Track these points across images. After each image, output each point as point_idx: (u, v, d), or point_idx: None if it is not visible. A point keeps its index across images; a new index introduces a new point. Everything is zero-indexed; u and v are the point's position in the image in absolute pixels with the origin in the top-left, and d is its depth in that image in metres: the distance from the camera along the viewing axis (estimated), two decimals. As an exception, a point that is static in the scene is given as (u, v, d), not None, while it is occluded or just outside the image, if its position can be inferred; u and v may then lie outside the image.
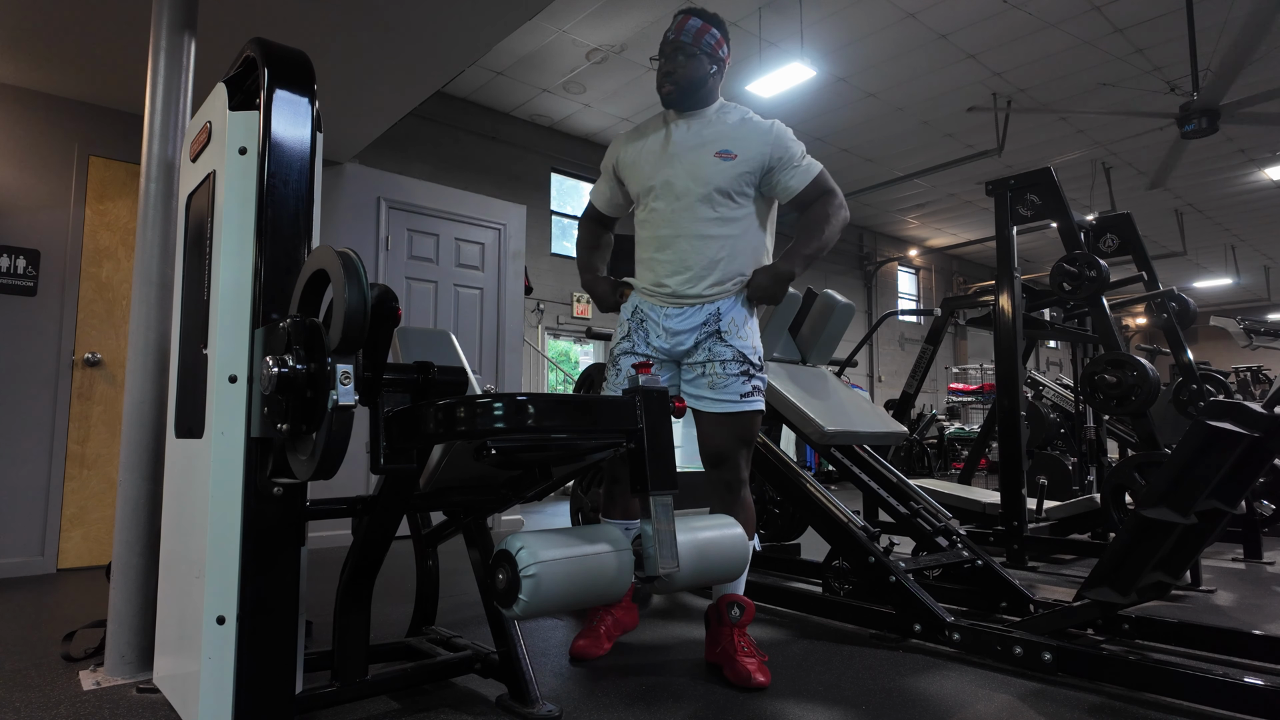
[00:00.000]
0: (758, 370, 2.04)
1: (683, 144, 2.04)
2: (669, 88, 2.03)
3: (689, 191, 2.01)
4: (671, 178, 2.02)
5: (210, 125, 1.71)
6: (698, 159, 2.01)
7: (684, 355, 2.04)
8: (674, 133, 2.06)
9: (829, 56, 7.04)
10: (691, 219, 2.00)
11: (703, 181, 1.99)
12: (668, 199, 2.03)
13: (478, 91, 7.86)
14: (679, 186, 2.01)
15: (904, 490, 2.87)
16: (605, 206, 2.26)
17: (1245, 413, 1.69)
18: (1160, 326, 4.43)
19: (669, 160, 2.04)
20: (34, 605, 2.70)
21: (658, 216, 2.05)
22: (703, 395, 2.01)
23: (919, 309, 6.80)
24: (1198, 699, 1.66)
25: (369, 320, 1.22)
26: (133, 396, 2.00)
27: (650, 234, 2.07)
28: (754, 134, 2.02)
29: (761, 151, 2.01)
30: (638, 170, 2.10)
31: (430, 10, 2.85)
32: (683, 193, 2.01)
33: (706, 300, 2.01)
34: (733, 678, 1.86)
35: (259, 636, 1.46)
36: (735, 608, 1.93)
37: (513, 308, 4.92)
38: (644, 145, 2.10)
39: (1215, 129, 5.90)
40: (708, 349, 2.01)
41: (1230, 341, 8.94)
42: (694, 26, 2.02)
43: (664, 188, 2.03)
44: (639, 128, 2.17)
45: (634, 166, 2.11)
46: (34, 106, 3.42)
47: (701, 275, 2.01)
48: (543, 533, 1.40)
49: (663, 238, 2.04)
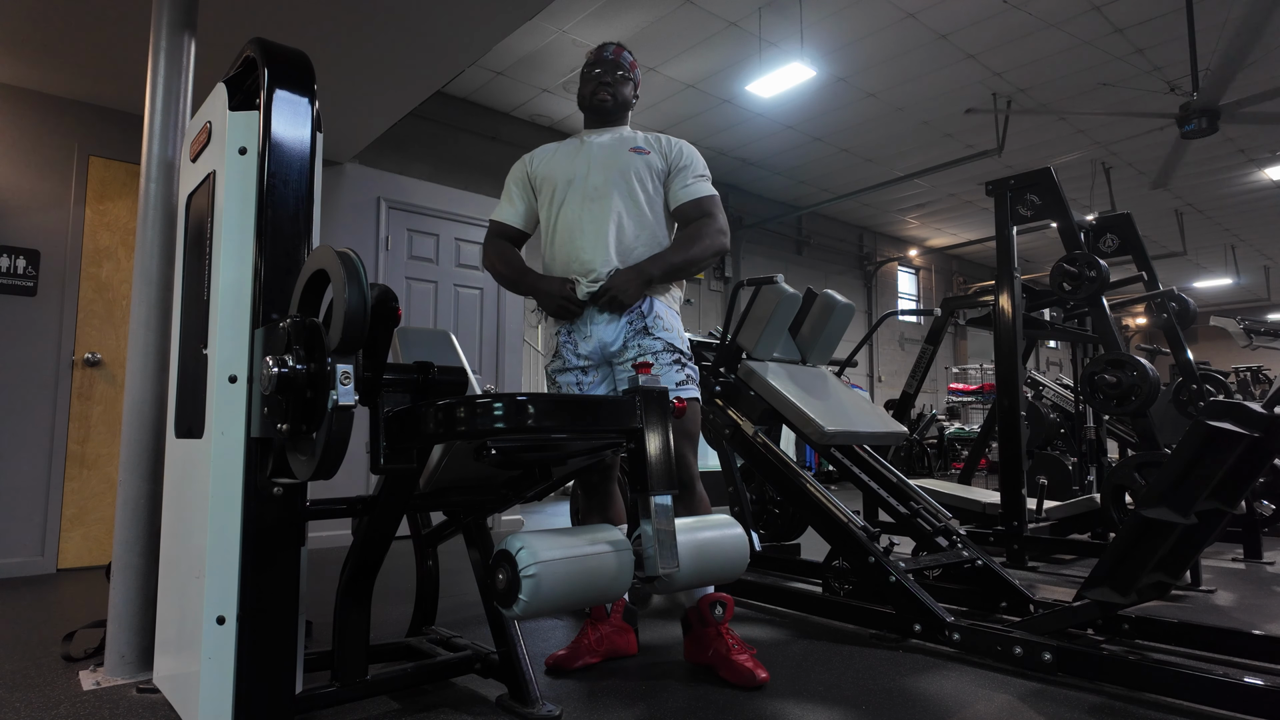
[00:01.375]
0: (689, 359, 2.07)
1: (601, 146, 2.12)
2: (606, 97, 2.15)
3: (607, 182, 2.06)
4: (589, 172, 2.07)
5: (210, 125, 1.71)
6: (615, 154, 2.10)
7: (614, 355, 2.04)
8: (591, 139, 2.15)
9: (829, 56, 7.03)
10: (611, 210, 2.04)
11: (619, 172, 2.06)
12: (584, 194, 2.06)
13: (478, 91, 7.86)
14: (595, 179, 2.06)
15: (904, 490, 2.87)
16: (518, 220, 2.19)
17: (1245, 413, 1.69)
18: (1160, 326, 4.43)
19: (586, 159, 2.10)
20: (34, 605, 2.70)
21: (572, 213, 2.06)
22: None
23: (919, 309, 6.80)
24: (1198, 699, 1.66)
25: (369, 320, 1.22)
26: (133, 396, 2.00)
27: (565, 234, 2.07)
28: (664, 140, 2.16)
29: (667, 152, 2.13)
30: (552, 170, 2.12)
31: (430, 10, 2.85)
32: (600, 184, 2.06)
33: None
34: (732, 678, 1.85)
35: (259, 636, 1.46)
36: (718, 606, 1.93)
37: (513, 308, 4.92)
38: (557, 152, 2.17)
39: (1215, 129, 5.90)
40: (636, 344, 2.01)
41: (1230, 341, 8.94)
42: (627, 57, 2.23)
43: (581, 182, 2.07)
44: (549, 146, 2.22)
45: (547, 168, 2.14)
46: (34, 106, 3.42)
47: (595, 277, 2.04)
48: (543, 533, 1.40)
49: (582, 231, 2.04)
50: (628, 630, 2.10)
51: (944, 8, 6.25)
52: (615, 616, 2.07)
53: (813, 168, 9.87)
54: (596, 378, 2.06)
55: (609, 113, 2.17)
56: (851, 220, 12.32)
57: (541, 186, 2.15)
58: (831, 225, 12.14)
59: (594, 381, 2.06)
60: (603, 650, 2.02)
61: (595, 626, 2.04)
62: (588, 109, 2.20)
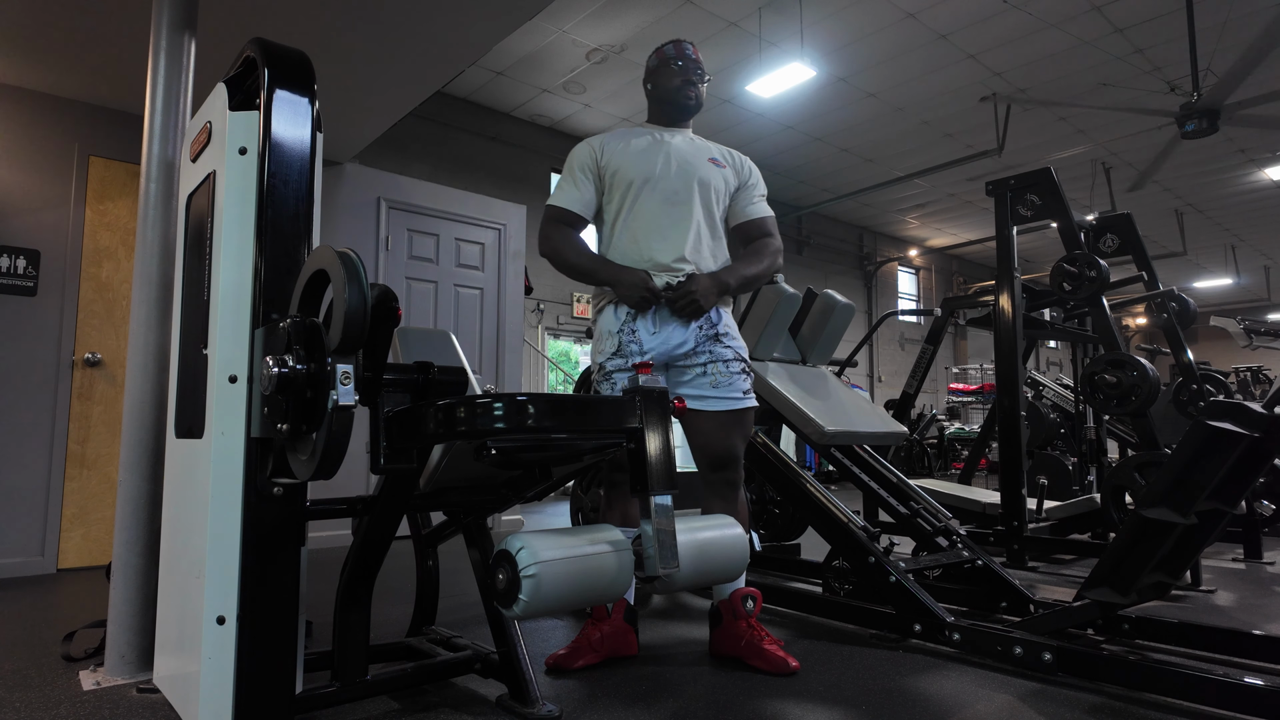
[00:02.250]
0: (750, 370, 2.13)
1: (679, 149, 2.12)
2: (692, 95, 2.14)
3: (688, 189, 2.08)
4: (669, 174, 2.08)
5: (210, 125, 1.71)
6: (694, 161, 2.12)
7: (680, 358, 2.05)
8: (665, 138, 2.14)
9: (829, 56, 7.03)
10: (691, 217, 2.07)
11: (700, 181, 2.09)
12: (664, 196, 2.06)
13: (478, 91, 7.86)
14: (676, 184, 2.08)
15: (904, 490, 2.87)
16: (582, 207, 2.12)
17: (1245, 413, 1.69)
18: (1160, 326, 4.43)
19: (664, 159, 2.09)
20: (34, 605, 2.70)
21: (649, 212, 2.06)
22: (706, 395, 2.03)
23: (919, 309, 6.80)
24: (1198, 699, 1.66)
25: (369, 320, 1.22)
26: (133, 396, 2.00)
27: (641, 231, 2.06)
28: (735, 156, 2.22)
29: (739, 169, 2.20)
30: (625, 164, 2.09)
31: (430, 10, 2.85)
32: (681, 190, 2.08)
33: None
34: (766, 666, 1.93)
35: (259, 636, 1.46)
36: (749, 600, 2.00)
37: (513, 308, 4.92)
38: (629, 145, 2.12)
39: (1215, 129, 5.90)
40: (708, 350, 2.05)
41: (1230, 341, 8.94)
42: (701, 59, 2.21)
43: (660, 183, 2.06)
44: (617, 133, 2.17)
45: (621, 160, 2.09)
46: (34, 106, 3.42)
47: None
48: (543, 533, 1.40)
49: (661, 233, 2.05)
50: (629, 630, 2.09)
51: (944, 8, 6.25)
52: (616, 617, 2.06)
53: (813, 168, 9.88)
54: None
55: (689, 112, 2.18)
56: (851, 220, 12.32)
57: (614, 179, 2.09)
58: (831, 225, 12.14)
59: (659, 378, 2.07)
60: (604, 650, 2.01)
61: (596, 626, 2.03)
62: (669, 103, 2.16)
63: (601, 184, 2.12)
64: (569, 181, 2.13)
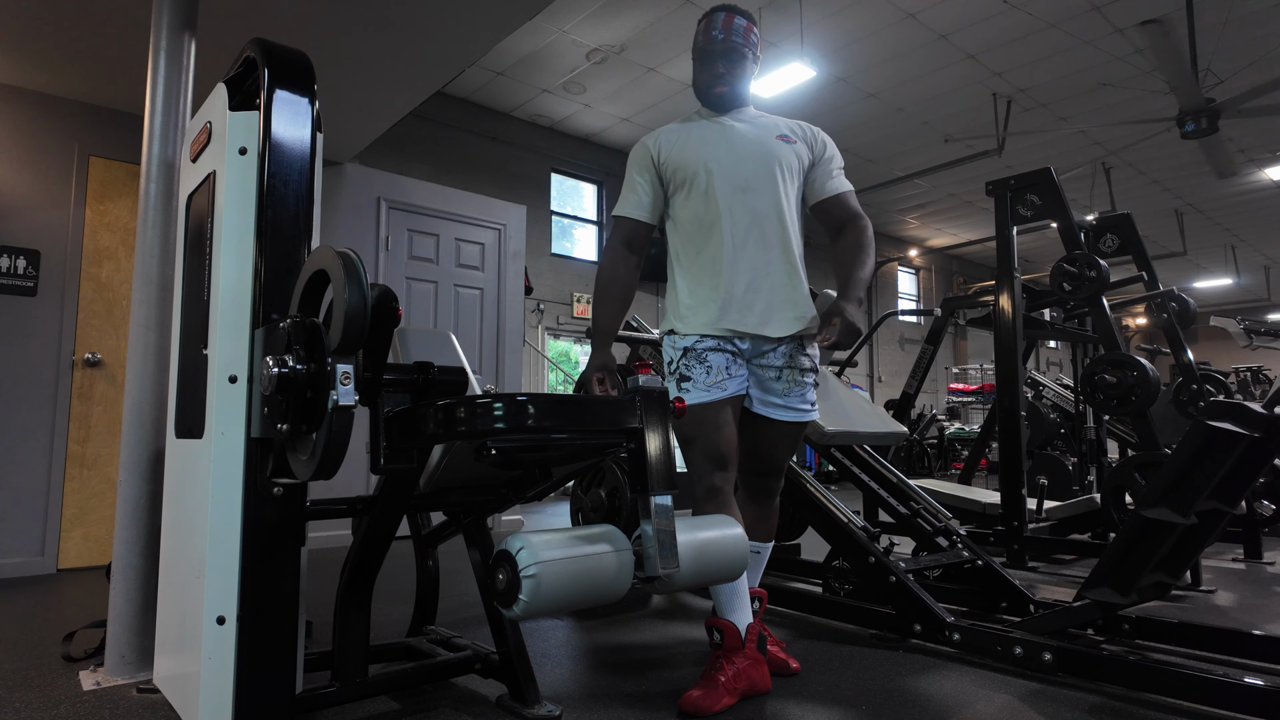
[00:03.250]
0: (818, 380, 1.99)
1: (742, 132, 1.90)
2: (722, 89, 1.89)
3: (760, 175, 1.85)
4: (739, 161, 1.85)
5: (210, 125, 1.71)
6: (763, 140, 1.88)
7: (762, 356, 1.88)
8: (727, 122, 1.91)
9: (829, 56, 7.03)
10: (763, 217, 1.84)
11: (779, 161, 1.87)
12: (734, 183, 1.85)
13: (478, 91, 7.86)
14: (749, 170, 1.85)
15: (904, 490, 2.87)
16: (646, 213, 1.93)
17: (1245, 413, 1.69)
18: (1160, 326, 4.43)
19: (728, 144, 1.87)
20: (34, 605, 2.70)
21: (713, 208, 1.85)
22: (774, 402, 1.88)
23: (919, 309, 6.81)
24: (1198, 699, 1.66)
25: (369, 320, 1.22)
26: (133, 396, 2.00)
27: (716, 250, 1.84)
28: (802, 126, 1.96)
29: (813, 141, 1.94)
30: (685, 152, 1.88)
31: (430, 10, 2.85)
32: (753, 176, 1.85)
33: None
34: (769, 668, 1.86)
35: (259, 636, 1.46)
36: (755, 600, 1.88)
37: (513, 308, 4.92)
38: (688, 133, 1.92)
39: (1215, 129, 5.90)
40: (788, 354, 1.88)
41: (1230, 341, 8.94)
42: (741, 25, 1.89)
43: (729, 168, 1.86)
44: (668, 128, 1.97)
45: (681, 150, 1.89)
46: (34, 106, 3.42)
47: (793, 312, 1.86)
48: (543, 533, 1.40)
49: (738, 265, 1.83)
50: (762, 663, 1.82)
51: (944, 8, 6.25)
52: (750, 647, 1.79)
53: (813, 168, 9.85)
54: (736, 374, 1.85)
55: (730, 102, 1.93)
56: (851, 220, 12.31)
57: (674, 167, 1.90)
58: (831, 225, 12.12)
59: (740, 371, 1.86)
60: (740, 685, 1.75)
61: (732, 658, 1.76)
62: (701, 97, 1.96)
63: (662, 183, 1.94)
64: (628, 186, 1.96)
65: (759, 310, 1.84)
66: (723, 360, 1.83)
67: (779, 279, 1.86)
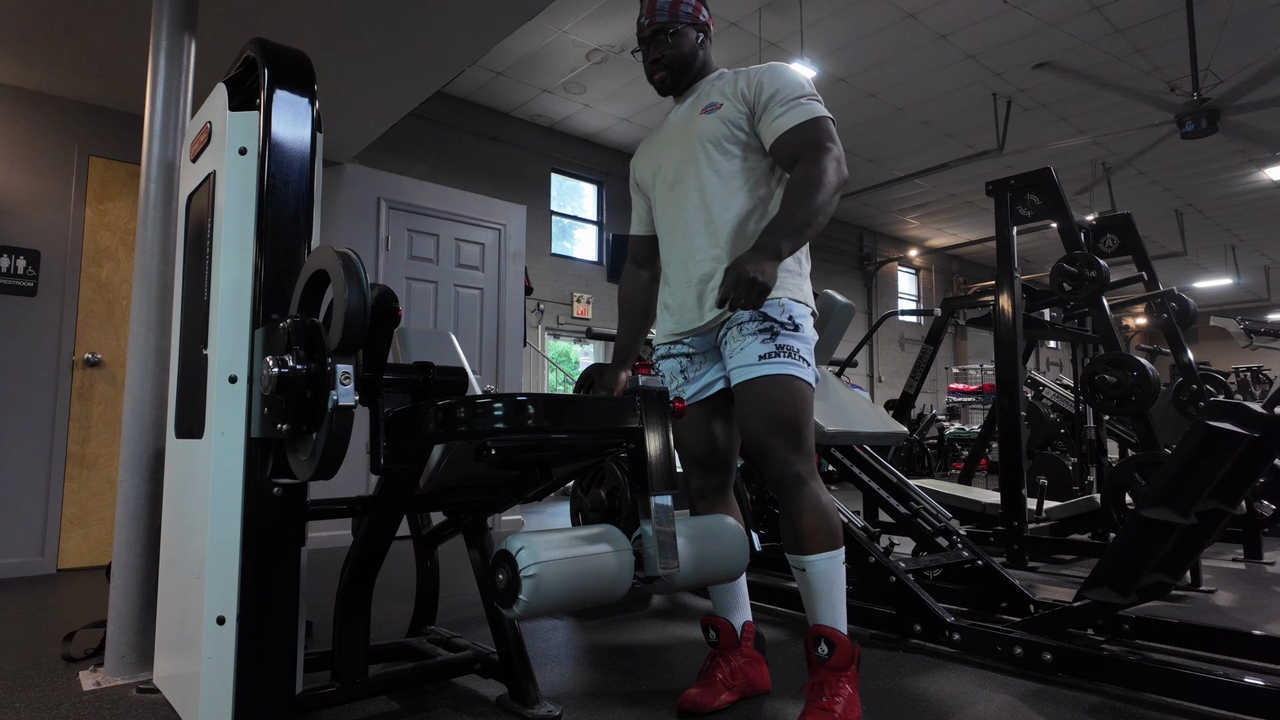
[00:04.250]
0: (787, 327, 1.63)
1: (672, 122, 1.83)
2: (661, 74, 1.79)
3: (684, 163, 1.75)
4: (671, 157, 1.79)
5: (210, 125, 1.71)
6: (690, 121, 1.76)
7: (720, 342, 1.74)
8: (671, 116, 1.85)
9: (829, 56, 7.03)
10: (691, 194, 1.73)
11: (699, 139, 1.72)
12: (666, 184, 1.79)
13: (478, 91, 7.86)
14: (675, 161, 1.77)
15: (904, 490, 2.87)
16: (639, 226, 1.96)
17: (1245, 413, 1.69)
18: (1160, 326, 4.43)
19: (665, 141, 1.82)
20: (34, 605, 2.70)
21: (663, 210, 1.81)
22: (730, 371, 1.68)
23: (919, 309, 6.81)
24: (1198, 699, 1.66)
25: (369, 320, 1.22)
26: (133, 396, 2.00)
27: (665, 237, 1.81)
28: (738, 77, 1.73)
29: (747, 89, 1.69)
30: (645, 164, 1.88)
31: (430, 10, 2.85)
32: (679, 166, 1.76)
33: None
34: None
35: (259, 636, 1.46)
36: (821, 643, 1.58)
37: (513, 308, 4.92)
38: (652, 141, 1.89)
39: (1215, 129, 5.90)
40: (736, 324, 1.68)
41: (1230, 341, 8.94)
42: (665, 2, 1.77)
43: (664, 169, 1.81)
44: (645, 140, 1.96)
45: (644, 163, 1.89)
46: (34, 106, 3.42)
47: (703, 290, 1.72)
48: (543, 533, 1.40)
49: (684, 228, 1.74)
50: (762, 663, 1.80)
51: (944, 8, 6.25)
52: (747, 645, 1.77)
53: (813, 168, 9.85)
54: (705, 364, 1.77)
55: (675, 84, 1.82)
56: (851, 220, 12.32)
57: (643, 181, 1.90)
58: (831, 225, 12.13)
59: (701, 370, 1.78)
60: (737, 682, 1.73)
61: (728, 655, 1.75)
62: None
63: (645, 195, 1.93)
64: (632, 203, 1.99)
65: (691, 303, 1.74)
66: (675, 366, 1.81)
67: (706, 266, 1.71)
